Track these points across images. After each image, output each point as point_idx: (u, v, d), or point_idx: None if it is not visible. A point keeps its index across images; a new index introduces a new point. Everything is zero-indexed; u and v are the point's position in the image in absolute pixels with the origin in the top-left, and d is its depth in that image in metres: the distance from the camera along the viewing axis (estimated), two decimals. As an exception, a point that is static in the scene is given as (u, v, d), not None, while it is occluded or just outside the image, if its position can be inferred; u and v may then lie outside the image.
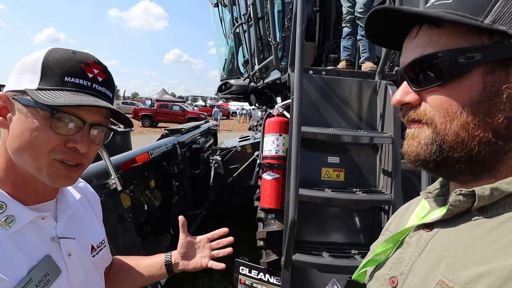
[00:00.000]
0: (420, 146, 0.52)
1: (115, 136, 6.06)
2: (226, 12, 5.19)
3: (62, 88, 0.68)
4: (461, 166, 0.50)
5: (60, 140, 0.68)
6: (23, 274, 0.66)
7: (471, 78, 0.47)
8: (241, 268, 2.59)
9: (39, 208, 0.74)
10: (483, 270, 0.43)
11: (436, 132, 0.50)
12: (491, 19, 0.45)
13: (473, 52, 0.46)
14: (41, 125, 0.67)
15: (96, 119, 0.72)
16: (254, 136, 4.94)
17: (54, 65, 0.68)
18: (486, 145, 0.47)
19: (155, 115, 24.17)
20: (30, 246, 0.70)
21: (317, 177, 2.16)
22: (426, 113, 0.51)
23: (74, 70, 0.69)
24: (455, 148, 0.49)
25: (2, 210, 0.67)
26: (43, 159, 0.68)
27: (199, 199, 4.21)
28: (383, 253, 0.63)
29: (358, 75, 2.45)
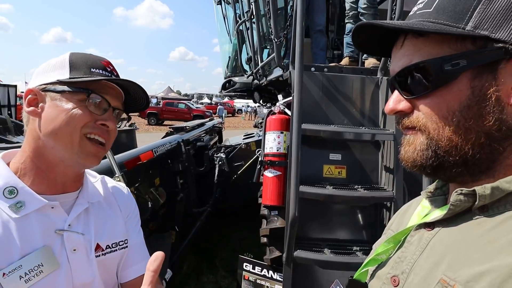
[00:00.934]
0: (416, 152, 0.53)
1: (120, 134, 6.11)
2: (229, 10, 5.18)
3: (91, 76, 0.78)
4: (458, 169, 0.50)
5: (92, 118, 0.77)
6: (14, 259, 0.68)
7: (459, 83, 0.48)
8: (245, 264, 2.62)
9: (55, 199, 0.76)
10: (484, 269, 0.43)
11: (430, 138, 0.51)
12: (472, 25, 0.46)
13: (458, 58, 0.47)
14: (77, 105, 0.76)
15: (117, 104, 0.83)
16: (259, 134, 4.94)
17: (80, 61, 0.80)
18: (480, 147, 0.48)
19: (160, 113, 24.28)
20: (32, 234, 0.72)
21: (319, 174, 2.16)
22: (419, 120, 0.52)
23: (97, 64, 0.81)
24: (449, 153, 0.49)
25: (13, 195, 0.72)
26: (76, 134, 0.76)
27: (204, 196, 4.24)
28: (385, 253, 0.64)
29: (360, 71, 2.44)
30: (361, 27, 0.55)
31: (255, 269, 2.57)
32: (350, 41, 3.09)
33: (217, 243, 4.47)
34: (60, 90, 0.77)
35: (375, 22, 0.53)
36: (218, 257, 4.12)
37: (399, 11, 2.10)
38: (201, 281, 3.59)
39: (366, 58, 2.88)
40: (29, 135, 0.79)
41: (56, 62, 0.81)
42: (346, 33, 3.13)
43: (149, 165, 2.98)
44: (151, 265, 0.66)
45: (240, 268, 2.65)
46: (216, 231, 4.68)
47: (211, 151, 4.63)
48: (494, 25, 0.46)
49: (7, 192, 0.72)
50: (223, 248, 4.35)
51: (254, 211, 3.03)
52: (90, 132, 0.78)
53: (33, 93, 0.79)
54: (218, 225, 4.71)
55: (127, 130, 5.58)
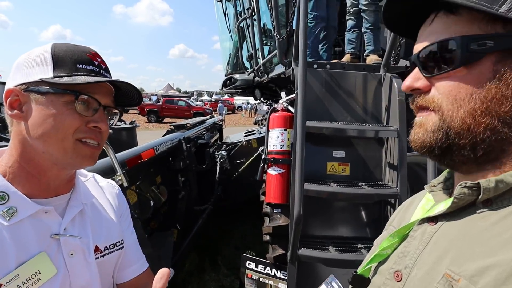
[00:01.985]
0: (426, 133, 0.52)
1: (121, 132, 6.10)
2: (229, 7, 5.16)
3: (76, 73, 0.72)
4: (465, 153, 0.50)
5: (82, 121, 0.73)
6: (11, 269, 0.65)
7: (482, 65, 0.47)
8: (247, 262, 2.61)
9: (48, 203, 0.73)
10: (489, 263, 0.43)
11: (443, 119, 0.50)
12: (506, 8, 0.45)
13: (486, 39, 0.46)
14: (64, 109, 0.71)
15: (107, 102, 0.78)
16: (260, 131, 4.93)
17: (64, 55, 0.73)
18: (492, 132, 0.47)
19: (160, 111, 24.24)
20: (27, 241, 0.69)
21: (322, 171, 2.15)
22: (434, 100, 0.51)
23: (83, 58, 0.74)
24: (461, 134, 0.49)
25: (4, 201, 0.68)
26: (68, 140, 0.72)
27: (205, 194, 4.23)
28: (389, 247, 0.63)
29: (363, 68, 2.42)
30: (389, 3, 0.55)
31: (258, 267, 2.57)
32: (352, 37, 3.07)
33: (219, 241, 4.46)
34: (44, 91, 0.70)
35: None
36: (220, 255, 4.11)
37: None
38: (203, 279, 3.59)
39: (367, 55, 2.87)
40: (14, 138, 0.73)
41: (37, 55, 0.73)
42: (348, 29, 3.11)
43: (151, 163, 2.97)
44: (158, 283, 0.66)
45: (243, 267, 2.65)
46: (218, 228, 4.67)
47: (212, 148, 4.61)
48: None
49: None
50: (225, 246, 4.35)
51: (256, 208, 3.02)
52: (83, 137, 0.74)
53: (14, 94, 0.72)
54: (220, 222, 4.70)
55: (128, 127, 5.56)
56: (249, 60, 4.46)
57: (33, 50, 0.76)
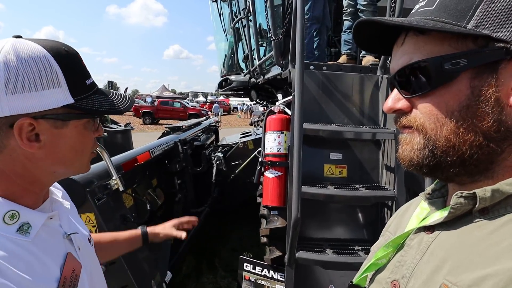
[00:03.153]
0: (413, 151, 0.52)
1: (116, 134, 6.05)
2: (225, 7, 5.14)
3: (90, 93, 0.72)
4: (455, 169, 0.50)
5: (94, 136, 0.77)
6: (58, 275, 0.68)
7: (459, 83, 0.47)
8: (245, 264, 2.60)
9: (42, 209, 0.74)
10: (486, 273, 0.43)
11: (427, 138, 0.50)
12: (474, 24, 0.45)
13: (458, 58, 0.46)
14: (85, 130, 0.73)
15: None
16: (256, 132, 4.92)
17: (72, 71, 0.68)
18: (478, 148, 0.47)
19: (155, 112, 24.14)
20: (51, 247, 0.71)
21: (319, 173, 2.14)
22: (416, 119, 0.51)
23: (83, 70, 0.72)
24: (447, 153, 0.49)
25: (16, 218, 0.67)
26: (87, 156, 0.76)
27: (202, 196, 4.22)
28: (385, 257, 0.63)
29: (359, 69, 2.42)
30: (362, 23, 0.54)
31: (255, 269, 2.56)
32: (348, 38, 3.07)
33: (216, 243, 4.45)
34: (67, 118, 0.68)
35: (375, 19, 0.51)
36: (218, 257, 4.10)
37: (398, 9, 2.08)
38: (201, 282, 3.57)
39: (364, 56, 2.87)
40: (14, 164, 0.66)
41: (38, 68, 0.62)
42: (344, 30, 3.11)
43: (146, 166, 2.95)
44: None
45: (240, 269, 2.64)
46: (215, 231, 4.66)
47: (208, 150, 4.59)
48: (495, 25, 0.45)
49: (8, 218, 0.65)
50: (222, 248, 4.34)
51: (252, 210, 3.01)
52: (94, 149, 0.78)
53: (27, 125, 0.63)
54: (216, 224, 4.69)
55: (123, 130, 5.52)
56: (245, 61, 4.45)
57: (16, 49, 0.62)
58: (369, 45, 0.62)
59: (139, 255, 2.11)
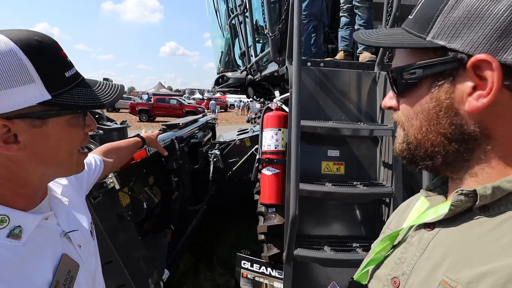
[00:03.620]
0: (398, 144, 0.60)
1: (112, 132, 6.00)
2: (221, 3, 5.10)
3: (70, 86, 0.65)
4: (426, 162, 0.55)
5: (82, 132, 0.72)
6: (50, 278, 0.67)
7: (421, 89, 0.53)
8: (243, 262, 2.60)
9: (38, 210, 0.73)
10: (486, 269, 0.43)
11: (405, 133, 0.57)
12: (432, 35, 0.49)
13: (414, 68, 0.52)
14: (68, 127, 0.68)
15: None
16: (253, 129, 4.91)
17: (47, 64, 0.62)
18: (441, 147, 0.52)
19: (152, 110, 24.01)
20: (45, 249, 0.70)
21: (317, 171, 2.14)
22: (399, 116, 0.58)
23: (62, 61, 0.65)
24: (416, 147, 0.55)
25: (6, 223, 0.65)
26: (75, 155, 0.71)
27: (199, 193, 4.20)
28: (383, 250, 0.64)
29: (356, 66, 2.41)
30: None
31: (253, 267, 2.56)
32: (345, 35, 3.06)
33: (213, 240, 4.45)
34: (46, 116, 0.62)
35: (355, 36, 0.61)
36: (215, 254, 4.09)
37: (396, 5, 2.06)
38: (199, 279, 3.57)
39: (361, 52, 2.86)
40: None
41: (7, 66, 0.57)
42: (341, 26, 3.09)
43: (143, 164, 2.93)
44: None
45: (238, 266, 2.64)
46: (212, 228, 4.65)
47: (205, 147, 4.57)
48: (450, 35, 0.48)
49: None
50: (220, 245, 4.34)
51: (250, 207, 3.00)
52: (84, 145, 0.74)
53: (1, 125, 0.59)
54: (214, 222, 4.68)
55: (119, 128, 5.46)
56: (242, 58, 4.43)
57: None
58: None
59: (136, 254, 2.10)
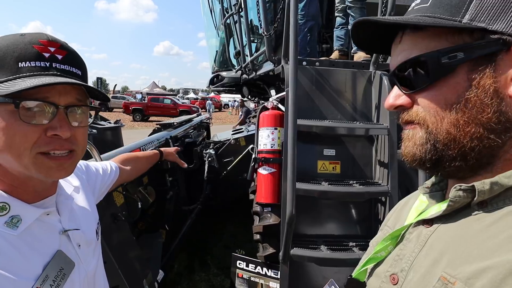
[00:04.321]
0: (415, 146, 0.53)
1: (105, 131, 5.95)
2: (216, 3, 5.09)
3: (18, 76, 0.61)
4: (456, 163, 0.50)
5: (39, 131, 0.63)
6: (39, 272, 0.66)
7: (457, 76, 0.48)
8: (238, 262, 2.59)
9: (42, 205, 0.73)
10: (484, 265, 0.43)
11: (428, 132, 0.51)
12: (469, 18, 0.47)
13: (455, 51, 0.47)
14: (10, 121, 0.61)
15: (70, 101, 0.67)
16: (248, 129, 4.89)
17: (4, 53, 0.62)
18: (479, 140, 0.48)
19: (146, 109, 23.88)
20: (41, 243, 0.70)
21: (313, 170, 2.13)
22: (418, 114, 0.52)
23: (26, 53, 0.63)
24: (448, 146, 0.50)
25: (6, 211, 0.65)
26: (26, 156, 0.63)
27: (194, 193, 4.18)
28: (383, 250, 0.63)
29: (352, 65, 2.41)
30: (359, 24, 0.56)
31: (248, 267, 2.55)
32: (340, 34, 3.07)
33: (208, 241, 4.43)
34: None
35: (371, 18, 0.53)
36: (210, 254, 4.08)
37: (391, 5, 2.07)
38: (193, 280, 3.55)
39: (355, 52, 2.87)
40: None
41: None
42: (336, 26, 3.10)
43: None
44: None
45: (233, 266, 2.62)
46: (207, 228, 4.63)
47: (200, 147, 4.55)
48: (490, 17, 0.46)
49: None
50: (215, 245, 4.32)
51: (245, 206, 2.99)
52: (46, 150, 0.65)
53: None
54: (209, 222, 4.66)
55: (113, 127, 5.42)
56: (237, 57, 4.42)
57: None
58: (369, 45, 0.63)
59: (131, 254, 2.07)
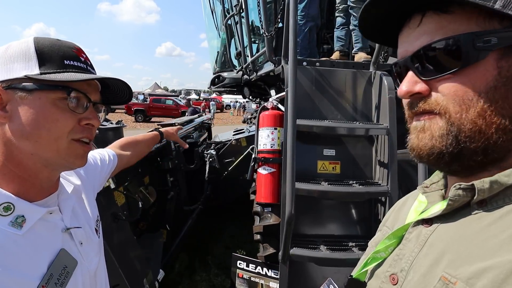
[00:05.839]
0: (434, 138, 0.49)
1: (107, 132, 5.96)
2: (217, 4, 5.10)
3: (65, 70, 0.69)
4: (478, 158, 0.48)
5: (76, 119, 0.71)
6: (44, 271, 0.67)
7: (486, 63, 0.45)
8: (238, 262, 2.59)
9: (45, 203, 0.74)
10: (485, 265, 0.42)
11: (451, 122, 0.47)
12: (501, 4, 0.44)
13: (490, 36, 0.45)
14: (55, 107, 0.68)
15: (97, 98, 0.76)
16: (249, 129, 4.90)
17: (49, 51, 0.69)
18: (503, 132, 0.46)
19: (148, 110, 23.92)
20: (45, 242, 0.71)
21: (313, 170, 2.14)
22: (439, 102, 0.48)
23: (69, 54, 0.71)
24: (472, 138, 0.47)
25: (10, 211, 0.67)
26: (63, 140, 0.69)
27: (195, 194, 4.18)
28: (384, 250, 0.62)
29: (352, 65, 2.42)
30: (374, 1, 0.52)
31: (249, 267, 2.55)
32: (341, 35, 3.07)
33: (209, 241, 4.43)
34: (30, 88, 0.67)
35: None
36: (211, 254, 4.08)
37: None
38: (194, 280, 3.55)
39: (356, 53, 2.87)
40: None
41: (17, 50, 0.68)
42: (337, 26, 3.11)
43: (138, 164, 2.89)
44: None
45: (233, 266, 2.63)
46: (207, 228, 4.63)
47: (201, 147, 4.55)
48: None
49: (2, 210, 0.66)
50: (215, 245, 4.32)
51: (246, 207, 3.00)
52: (80, 137, 0.72)
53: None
54: (209, 222, 4.66)
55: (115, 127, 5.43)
56: (237, 58, 4.42)
57: (10, 44, 0.70)
58: (374, 30, 0.59)
59: (131, 254, 2.08)
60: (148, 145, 1.61)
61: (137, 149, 1.47)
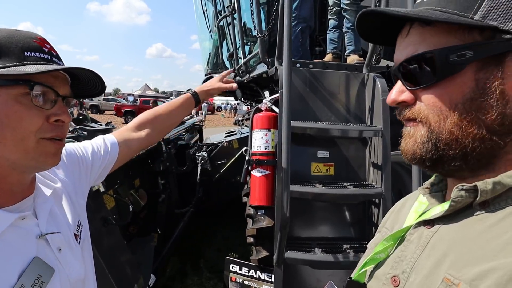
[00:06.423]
0: (416, 144, 0.52)
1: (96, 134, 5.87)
2: (209, 5, 5.07)
3: (25, 63, 0.63)
4: (456, 163, 0.50)
5: (43, 117, 0.65)
6: (13, 282, 0.62)
7: (464, 75, 0.47)
8: (231, 265, 2.56)
9: (17, 208, 0.68)
10: (489, 266, 0.42)
11: (430, 130, 0.50)
12: (481, 15, 0.45)
13: (464, 49, 0.46)
14: (18, 104, 0.62)
15: (66, 91, 0.71)
16: (241, 131, 4.88)
17: (6, 42, 0.64)
18: (481, 141, 0.47)
19: (138, 111, 23.68)
20: (16, 250, 0.65)
21: (307, 172, 2.13)
22: (421, 111, 0.51)
23: (30, 45, 0.66)
24: (450, 146, 0.49)
25: None
26: (30, 140, 0.64)
27: (186, 196, 4.15)
28: (383, 251, 0.62)
29: (345, 67, 2.42)
30: (366, 14, 0.54)
31: (242, 270, 2.52)
32: (333, 37, 3.08)
33: (201, 244, 4.39)
34: None
35: (379, 9, 0.52)
36: (203, 258, 4.04)
37: (384, 2, 2.08)
38: (186, 284, 3.50)
39: (348, 55, 2.88)
40: None
41: None
42: (329, 29, 3.11)
43: (129, 166, 2.86)
44: None
45: (226, 270, 2.59)
46: (199, 231, 4.59)
47: (193, 149, 4.52)
48: (503, 16, 0.45)
49: None
50: (208, 249, 4.28)
51: (238, 209, 2.97)
52: (50, 136, 0.67)
53: None
54: (201, 225, 4.62)
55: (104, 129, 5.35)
56: (230, 60, 4.40)
57: None
58: (373, 36, 0.61)
59: (121, 259, 2.04)
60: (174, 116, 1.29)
61: (156, 125, 1.21)
